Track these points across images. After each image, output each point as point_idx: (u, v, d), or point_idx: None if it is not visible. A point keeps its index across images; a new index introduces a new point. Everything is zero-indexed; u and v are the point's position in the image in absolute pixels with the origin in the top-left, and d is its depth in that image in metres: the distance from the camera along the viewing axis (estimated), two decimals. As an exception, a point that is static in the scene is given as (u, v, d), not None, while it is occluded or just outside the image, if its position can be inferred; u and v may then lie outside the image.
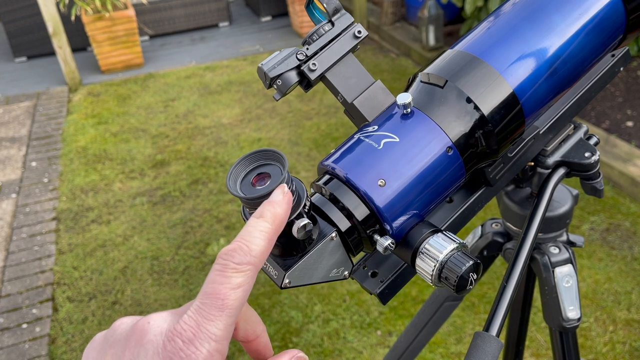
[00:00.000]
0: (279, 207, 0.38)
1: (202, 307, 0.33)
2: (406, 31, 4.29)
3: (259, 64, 0.49)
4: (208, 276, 0.34)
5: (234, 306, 0.33)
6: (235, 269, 0.34)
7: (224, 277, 0.33)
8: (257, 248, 0.35)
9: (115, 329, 0.36)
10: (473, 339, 0.53)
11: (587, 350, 1.81)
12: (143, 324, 0.34)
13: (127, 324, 0.36)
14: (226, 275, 0.34)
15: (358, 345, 1.89)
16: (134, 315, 0.37)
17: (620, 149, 2.60)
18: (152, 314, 0.35)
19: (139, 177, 2.96)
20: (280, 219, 0.38)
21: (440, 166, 0.48)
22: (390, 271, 0.52)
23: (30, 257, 2.45)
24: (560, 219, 0.78)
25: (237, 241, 0.35)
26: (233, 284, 0.33)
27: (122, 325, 0.36)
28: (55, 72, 4.34)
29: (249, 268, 0.34)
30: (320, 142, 3.12)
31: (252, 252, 0.35)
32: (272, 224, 0.37)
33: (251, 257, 0.35)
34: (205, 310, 0.33)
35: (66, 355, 1.96)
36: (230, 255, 0.34)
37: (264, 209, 0.37)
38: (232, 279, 0.33)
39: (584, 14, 0.54)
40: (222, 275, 0.34)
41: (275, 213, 0.37)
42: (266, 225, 0.36)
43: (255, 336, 0.40)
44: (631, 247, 2.18)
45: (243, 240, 0.35)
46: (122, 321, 0.36)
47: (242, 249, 0.35)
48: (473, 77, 0.50)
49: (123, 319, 0.37)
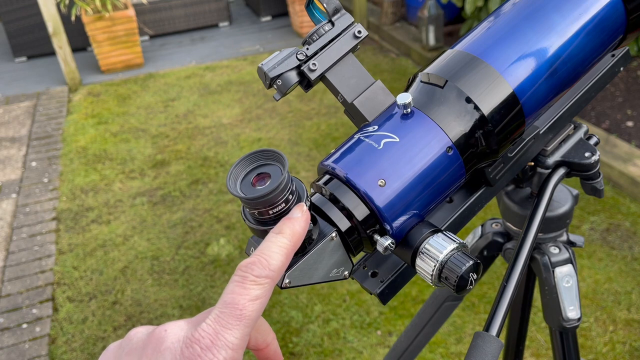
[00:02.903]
0: (298, 224, 0.39)
1: (221, 316, 0.34)
2: (406, 31, 4.29)
3: (259, 64, 0.49)
4: (227, 286, 0.35)
5: (252, 317, 0.35)
6: (254, 282, 0.35)
7: (243, 288, 0.35)
8: (276, 263, 0.37)
9: (131, 337, 0.37)
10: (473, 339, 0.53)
11: (587, 350, 1.81)
12: (160, 331, 0.35)
13: (143, 333, 0.37)
14: (245, 287, 0.35)
15: (358, 345, 1.89)
16: (148, 325, 0.38)
17: (620, 149, 2.60)
18: (168, 323, 0.36)
19: (139, 177, 2.96)
20: (298, 236, 0.39)
21: (440, 166, 0.48)
22: (390, 271, 0.52)
23: (30, 257, 2.45)
24: (560, 219, 0.78)
25: (256, 255, 0.37)
26: (252, 296, 0.35)
27: (138, 334, 0.37)
28: (55, 72, 4.34)
29: (267, 282, 0.36)
30: (320, 142, 3.12)
31: (271, 267, 0.36)
32: (290, 240, 0.38)
33: (270, 271, 0.36)
34: (224, 319, 0.34)
35: (66, 355, 1.95)
36: (250, 267, 0.36)
37: (284, 225, 0.39)
38: (250, 290, 0.35)
39: (584, 13, 0.54)
40: (242, 286, 0.35)
41: (294, 230, 0.39)
42: (285, 242, 0.38)
43: (265, 344, 0.41)
44: (631, 247, 2.18)
45: (263, 255, 0.37)
46: (137, 330, 0.37)
47: (262, 263, 0.36)
48: (473, 77, 0.50)
49: (138, 328, 0.38)
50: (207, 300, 2.12)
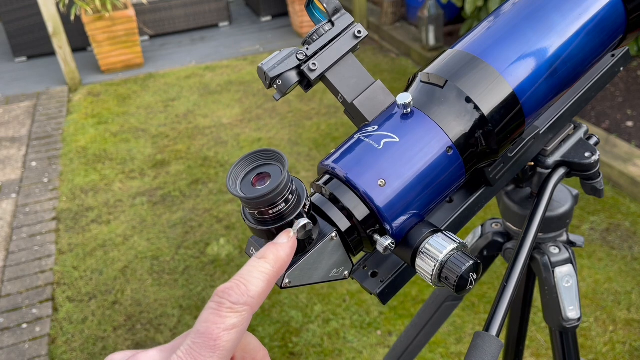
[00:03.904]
0: (283, 250, 0.37)
1: (194, 347, 0.32)
2: (406, 31, 4.29)
3: (259, 64, 0.49)
4: (202, 313, 0.33)
5: (227, 348, 0.32)
6: (231, 309, 0.33)
7: (219, 316, 0.33)
8: (255, 289, 0.34)
9: None
10: (473, 339, 0.53)
11: (587, 350, 1.81)
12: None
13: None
14: (221, 315, 0.33)
15: (358, 345, 1.89)
16: (124, 351, 0.36)
17: (620, 149, 2.60)
18: (140, 353, 0.34)
19: (139, 177, 2.96)
20: (282, 262, 0.37)
21: (440, 166, 0.48)
22: (390, 271, 0.52)
23: (30, 257, 2.45)
24: (560, 219, 0.78)
25: (235, 280, 0.34)
26: (227, 325, 0.32)
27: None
28: (55, 72, 4.34)
29: (245, 309, 0.33)
30: (320, 142, 3.12)
31: (250, 293, 0.34)
32: (273, 266, 0.36)
33: (248, 297, 0.34)
34: (196, 350, 0.32)
35: (66, 355, 1.95)
36: (227, 293, 0.33)
37: (268, 250, 0.37)
38: (226, 319, 0.32)
39: (584, 13, 0.54)
40: (217, 314, 0.33)
41: (278, 255, 0.37)
42: (267, 267, 0.36)
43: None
44: (631, 247, 2.18)
45: (242, 279, 0.34)
46: (112, 357, 0.36)
47: (240, 288, 0.34)
48: (473, 77, 0.50)
49: (114, 356, 0.36)
50: (207, 300, 2.12)
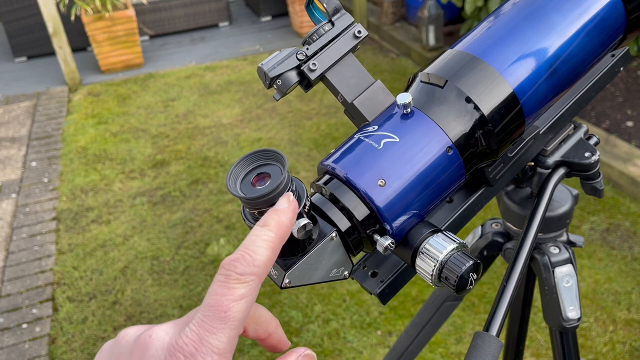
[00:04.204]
0: (284, 215, 0.37)
1: (205, 320, 0.32)
2: (406, 31, 4.29)
3: (259, 64, 0.49)
4: (210, 287, 0.33)
5: (237, 318, 0.33)
6: (238, 280, 0.33)
7: (227, 288, 0.33)
8: (261, 258, 0.34)
9: (120, 340, 0.36)
10: (473, 339, 0.53)
11: (587, 350, 1.81)
12: (145, 337, 0.34)
13: (131, 336, 0.35)
14: (229, 287, 0.33)
15: (358, 345, 1.89)
16: (138, 325, 0.36)
17: (620, 149, 2.60)
18: (154, 326, 0.34)
19: (139, 177, 2.96)
20: (285, 227, 0.37)
21: (440, 166, 0.48)
22: (390, 271, 0.52)
23: (30, 257, 2.45)
24: (560, 219, 0.78)
25: (240, 251, 0.34)
26: (236, 296, 0.33)
27: (126, 336, 0.35)
28: (55, 72, 4.34)
29: (252, 279, 0.33)
30: (320, 142, 3.12)
31: (256, 262, 0.34)
32: (276, 233, 0.36)
33: (254, 267, 0.34)
34: (208, 322, 0.32)
35: (66, 355, 1.95)
36: (233, 265, 0.33)
37: (269, 217, 0.37)
38: (235, 290, 0.33)
39: (584, 13, 0.54)
40: (225, 286, 0.33)
41: (279, 222, 0.36)
42: (270, 235, 0.36)
43: (267, 334, 0.40)
44: (631, 247, 2.18)
45: (246, 250, 0.34)
46: (126, 332, 0.36)
47: (245, 259, 0.34)
48: (473, 77, 0.50)
49: (128, 330, 0.36)
50: (207, 300, 2.12)
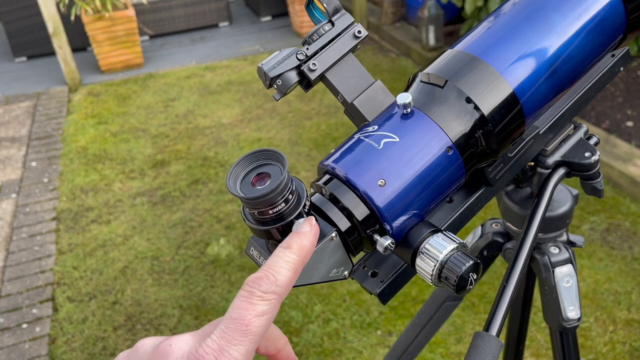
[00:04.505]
0: (306, 239, 0.39)
1: (226, 332, 0.34)
2: (406, 31, 4.29)
3: (259, 64, 0.49)
4: (234, 301, 0.35)
5: (258, 333, 0.34)
6: (261, 297, 0.35)
7: (250, 303, 0.35)
8: (283, 278, 0.36)
9: (138, 349, 0.37)
10: (473, 339, 0.53)
11: (587, 350, 1.81)
12: (165, 346, 0.35)
13: (149, 346, 0.37)
14: (252, 302, 0.35)
15: (358, 345, 1.89)
16: (156, 336, 0.38)
17: (620, 149, 2.60)
18: (173, 337, 0.36)
19: (139, 177, 2.96)
20: (307, 250, 0.39)
21: (440, 166, 0.48)
22: (390, 271, 0.52)
23: (30, 257, 2.45)
24: (560, 219, 0.78)
25: (264, 269, 0.36)
26: (258, 311, 0.35)
27: (145, 346, 0.37)
28: (55, 72, 4.34)
29: (274, 297, 0.35)
30: (320, 142, 3.12)
31: (278, 282, 0.36)
32: (298, 256, 0.38)
33: (277, 286, 0.36)
34: (229, 334, 0.34)
35: (66, 355, 1.95)
36: (257, 283, 0.35)
37: (292, 240, 0.39)
38: (257, 306, 0.35)
39: (584, 13, 0.54)
40: (248, 301, 0.35)
41: (302, 245, 0.39)
42: (293, 257, 0.38)
43: (276, 351, 0.42)
44: (631, 247, 2.18)
45: (270, 270, 0.36)
46: (144, 342, 0.37)
47: (269, 278, 0.36)
48: (473, 77, 0.50)
49: (145, 340, 0.37)
50: (207, 300, 2.12)
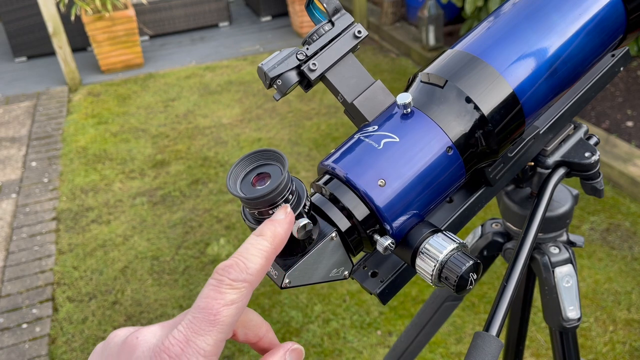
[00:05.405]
0: (280, 226, 0.38)
1: (194, 322, 0.33)
2: (406, 31, 4.29)
3: (259, 64, 0.49)
4: (202, 290, 0.34)
5: (226, 322, 0.33)
6: (230, 285, 0.34)
7: (219, 292, 0.33)
8: (254, 266, 0.35)
9: (109, 342, 0.36)
10: (473, 339, 0.53)
11: (587, 350, 1.81)
12: (132, 339, 0.34)
13: (120, 337, 0.36)
14: (220, 291, 0.33)
15: (358, 345, 1.89)
16: (128, 327, 0.37)
17: (620, 149, 2.60)
18: (143, 328, 0.35)
19: (139, 177, 2.96)
20: (281, 238, 0.38)
21: (440, 166, 0.48)
22: (390, 271, 0.52)
23: (30, 257, 2.45)
24: (560, 219, 0.78)
25: (234, 257, 0.35)
26: (227, 300, 0.33)
27: (115, 338, 0.36)
28: (55, 72, 4.34)
29: (244, 285, 0.34)
30: (320, 142, 3.12)
31: (249, 270, 0.35)
32: (271, 243, 0.37)
33: (247, 274, 0.34)
34: (196, 324, 0.33)
35: (66, 355, 1.95)
36: (226, 271, 0.34)
37: (265, 227, 0.37)
38: (226, 295, 0.33)
39: (584, 13, 0.54)
40: (217, 290, 0.34)
41: (275, 232, 0.37)
42: (265, 244, 0.36)
43: (257, 338, 0.40)
44: (631, 247, 2.18)
45: (241, 257, 0.35)
46: (115, 333, 0.36)
47: (239, 266, 0.34)
48: (473, 77, 0.50)
49: (118, 331, 0.37)
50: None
